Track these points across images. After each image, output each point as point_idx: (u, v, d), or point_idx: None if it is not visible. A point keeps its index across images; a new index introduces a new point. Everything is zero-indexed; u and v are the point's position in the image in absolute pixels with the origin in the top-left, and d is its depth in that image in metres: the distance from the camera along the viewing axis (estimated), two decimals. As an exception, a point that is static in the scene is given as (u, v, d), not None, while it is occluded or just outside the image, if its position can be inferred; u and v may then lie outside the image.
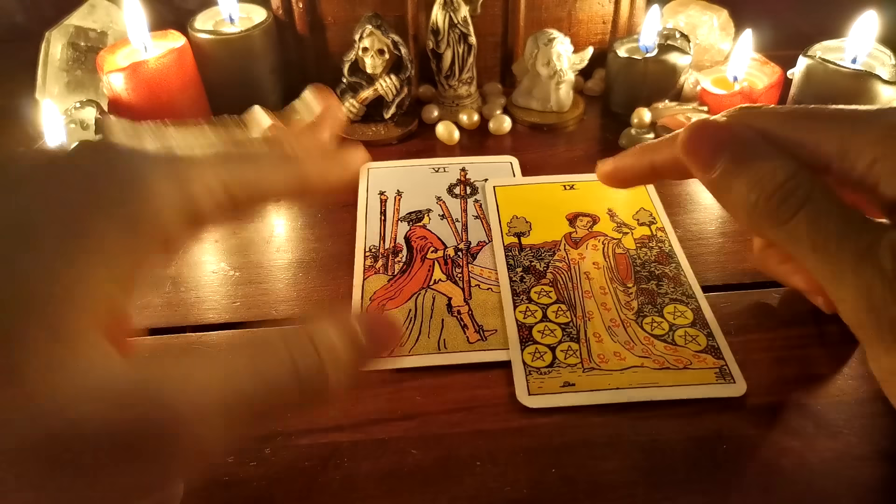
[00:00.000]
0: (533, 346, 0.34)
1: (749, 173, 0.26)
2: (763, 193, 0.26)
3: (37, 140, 0.44)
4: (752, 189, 0.26)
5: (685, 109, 0.50)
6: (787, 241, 0.26)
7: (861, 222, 0.24)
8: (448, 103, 0.52)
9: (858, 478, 0.29)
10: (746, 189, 0.26)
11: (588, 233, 0.41)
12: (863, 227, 0.24)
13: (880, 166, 0.25)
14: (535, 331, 0.35)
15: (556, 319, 0.35)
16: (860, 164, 0.26)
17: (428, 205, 0.44)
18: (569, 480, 0.29)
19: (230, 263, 0.40)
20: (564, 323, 0.35)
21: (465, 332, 0.35)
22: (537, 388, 0.32)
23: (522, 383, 0.32)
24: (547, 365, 0.33)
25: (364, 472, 0.29)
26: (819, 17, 0.57)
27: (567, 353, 0.34)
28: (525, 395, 0.32)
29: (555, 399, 0.32)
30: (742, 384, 0.32)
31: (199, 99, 0.49)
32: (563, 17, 0.54)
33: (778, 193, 0.26)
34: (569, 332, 0.35)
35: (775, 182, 0.26)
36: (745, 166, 0.27)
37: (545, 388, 0.32)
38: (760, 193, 0.26)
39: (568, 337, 0.35)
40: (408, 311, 0.36)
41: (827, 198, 0.25)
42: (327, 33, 0.52)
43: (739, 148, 0.27)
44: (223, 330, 0.36)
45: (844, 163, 0.26)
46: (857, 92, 0.43)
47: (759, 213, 0.26)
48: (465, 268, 0.39)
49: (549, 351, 0.34)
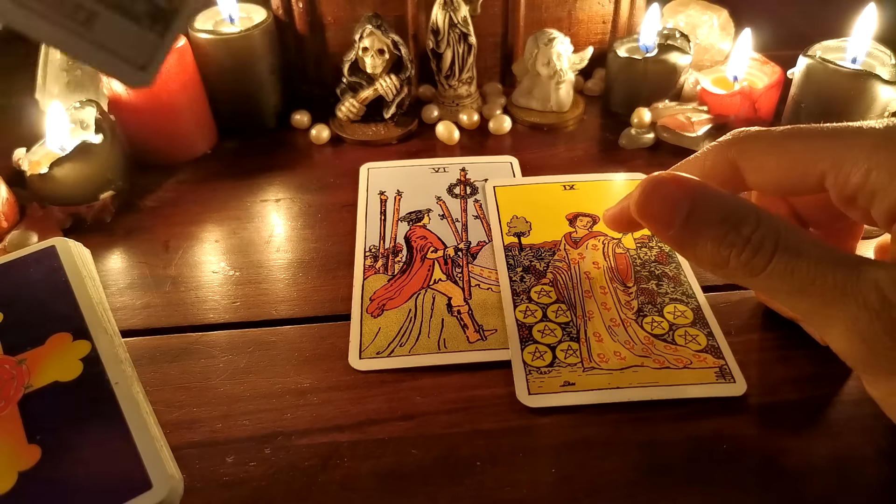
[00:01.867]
0: (533, 345, 0.34)
1: (712, 231, 0.26)
2: (734, 249, 0.26)
3: (36, 140, 0.45)
4: (721, 246, 0.26)
5: (685, 109, 0.50)
6: (766, 290, 0.26)
7: (834, 259, 0.24)
8: (448, 103, 0.52)
9: (858, 478, 0.29)
10: (714, 246, 0.26)
11: (588, 233, 0.41)
12: (838, 264, 0.24)
13: (875, 176, 0.25)
14: (535, 330, 0.35)
15: (556, 319, 0.35)
16: (855, 176, 0.26)
17: (428, 205, 0.44)
18: (569, 480, 0.29)
19: (230, 263, 0.40)
20: (564, 322, 0.35)
21: (465, 331, 0.35)
22: (537, 387, 0.32)
23: (522, 383, 0.32)
24: (547, 364, 0.33)
25: (364, 472, 0.29)
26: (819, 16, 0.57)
27: (567, 352, 0.34)
28: (525, 395, 0.32)
29: (555, 398, 0.32)
30: (742, 384, 0.32)
31: (199, 99, 0.49)
32: (563, 17, 0.54)
33: (748, 248, 0.25)
34: (569, 332, 0.35)
35: (743, 237, 0.25)
36: (705, 223, 0.26)
37: (545, 388, 0.32)
38: (731, 249, 0.26)
39: (568, 336, 0.35)
40: (408, 311, 0.36)
41: (796, 239, 0.25)
42: (327, 33, 0.52)
43: (696, 204, 0.27)
44: (223, 330, 0.36)
45: (839, 177, 0.26)
46: (857, 92, 0.43)
47: (733, 268, 0.26)
48: (465, 267, 0.39)
49: (549, 350, 0.34)
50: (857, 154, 0.26)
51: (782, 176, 0.28)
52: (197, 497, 0.28)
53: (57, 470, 0.27)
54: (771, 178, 0.29)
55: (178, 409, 0.32)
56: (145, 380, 0.33)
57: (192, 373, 0.34)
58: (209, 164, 0.49)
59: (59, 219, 0.42)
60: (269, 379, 0.33)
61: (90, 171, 0.43)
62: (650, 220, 0.28)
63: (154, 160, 0.48)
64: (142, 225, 0.44)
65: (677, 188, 0.27)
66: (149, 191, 0.46)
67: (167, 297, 0.38)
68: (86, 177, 0.43)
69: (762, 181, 0.29)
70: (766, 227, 0.25)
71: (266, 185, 0.47)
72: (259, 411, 0.32)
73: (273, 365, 0.34)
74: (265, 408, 0.32)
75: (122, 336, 0.35)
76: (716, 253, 0.26)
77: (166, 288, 0.39)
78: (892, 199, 0.25)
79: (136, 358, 0.34)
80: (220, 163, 0.50)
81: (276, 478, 0.29)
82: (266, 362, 0.34)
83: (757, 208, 0.26)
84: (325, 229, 0.43)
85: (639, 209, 0.28)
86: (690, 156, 0.32)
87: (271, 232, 0.43)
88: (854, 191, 0.26)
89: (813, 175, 0.27)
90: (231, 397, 0.32)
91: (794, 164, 0.27)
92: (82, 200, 0.43)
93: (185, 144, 0.49)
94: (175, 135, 0.48)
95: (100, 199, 0.43)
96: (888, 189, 0.25)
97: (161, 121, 0.47)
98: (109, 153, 0.44)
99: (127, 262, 0.41)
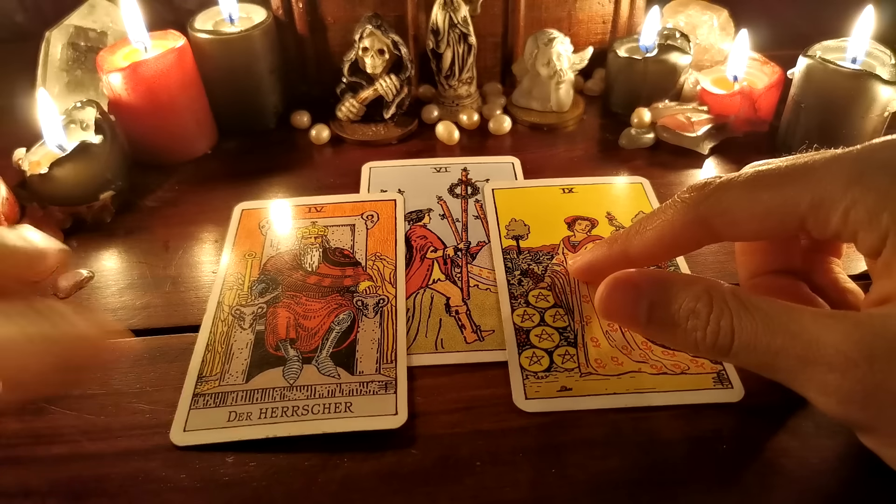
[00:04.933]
0: (530, 349, 0.34)
1: (676, 321, 0.26)
2: (698, 333, 0.26)
3: (36, 140, 0.44)
4: (686, 334, 0.26)
5: (685, 109, 0.50)
6: (742, 366, 0.27)
7: (791, 330, 0.24)
8: (448, 103, 0.52)
9: (858, 478, 0.29)
10: (682, 335, 0.26)
11: (587, 236, 0.41)
12: (795, 335, 0.24)
13: (854, 215, 0.25)
14: (533, 335, 0.35)
15: (553, 323, 0.35)
16: (834, 218, 0.25)
17: (429, 204, 0.44)
18: (569, 480, 0.29)
19: (230, 263, 0.40)
20: (562, 327, 0.35)
21: (463, 332, 0.35)
22: (534, 392, 0.32)
23: (519, 387, 0.32)
24: (544, 369, 0.33)
25: (364, 472, 0.29)
26: (819, 17, 0.57)
27: (564, 357, 0.34)
28: (522, 400, 0.32)
29: (551, 404, 0.31)
30: (740, 389, 0.32)
31: (199, 99, 0.49)
32: (563, 17, 0.54)
33: (709, 332, 0.26)
34: (566, 337, 0.35)
35: (703, 320, 0.26)
36: (667, 317, 0.27)
37: (542, 393, 0.32)
38: (695, 334, 0.26)
39: (565, 341, 0.34)
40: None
41: (750, 317, 0.25)
42: (327, 33, 0.52)
43: (653, 302, 0.27)
44: (223, 330, 0.36)
45: (818, 220, 0.25)
46: (857, 92, 0.43)
47: (707, 353, 0.26)
48: (464, 267, 0.39)
49: (546, 355, 0.34)
50: (833, 193, 0.25)
51: (758, 227, 0.27)
52: (197, 497, 0.28)
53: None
54: (747, 230, 0.28)
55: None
56: (145, 380, 0.33)
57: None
58: (209, 164, 0.49)
59: (59, 219, 0.43)
60: (269, 379, 0.33)
61: (90, 171, 0.43)
62: (615, 321, 0.29)
63: (154, 160, 0.48)
64: (141, 225, 0.44)
65: (633, 288, 0.28)
66: (149, 191, 0.46)
67: (167, 297, 0.38)
68: (86, 177, 0.43)
69: (739, 234, 0.29)
70: (720, 307, 0.25)
71: (266, 185, 0.47)
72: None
73: (273, 365, 0.34)
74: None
75: (122, 336, 0.36)
76: (685, 341, 0.27)
77: (166, 288, 0.39)
78: (874, 237, 0.24)
79: (136, 358, 0.34)
80: (220, 163, 0.50)
81: (276, 478, 0.29)
82: (266, 362, 0.34)
83: (710, 286, 0.26)
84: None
85: (602, 313, 0.29)
86: (656, 214, 0.30)
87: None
88: (835, 232, 0.25)
89: (790, 222, 0.26)
90: (231, 397, 0.32)
91: (768, 214, 0.26)
92: (82, 200, 0.43)
93: (185, 144, 0.49)
94: (175, 135, 0.48)
95: (100, 199, 0.43)
96: (868, 227, 0.24)
97: (161, 121, 0.47)
98: (109, 153, 0.44)
99: (127, 262, 0.41)
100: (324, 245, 0.40)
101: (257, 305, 0.36)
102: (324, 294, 0.37)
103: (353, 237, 0.41)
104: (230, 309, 0.36)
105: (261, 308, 0.36)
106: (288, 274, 0.38)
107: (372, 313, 0.36)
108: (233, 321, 0.36)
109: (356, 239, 0.41)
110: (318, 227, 0.41)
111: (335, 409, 0.31)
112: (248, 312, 0.36)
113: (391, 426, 0.30)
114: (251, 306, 0.36)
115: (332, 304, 0.36)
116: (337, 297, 0.37)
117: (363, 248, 0.40)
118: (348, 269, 0.38)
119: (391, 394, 0.32)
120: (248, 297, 0.37)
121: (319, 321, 0.35)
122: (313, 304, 0.36)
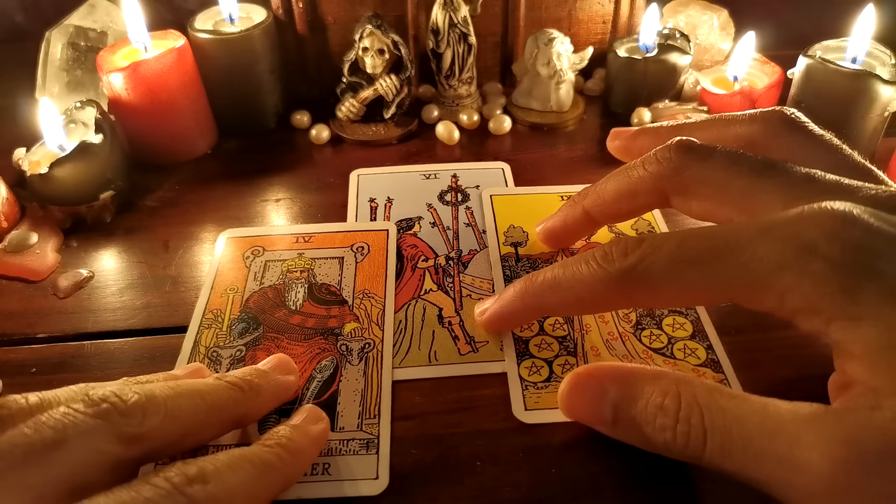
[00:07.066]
0: (530, 360, 0.33)
1: (642, 419, 0.25)
2: (667, 433, 0.24)
3: (36, 140, 0.45)
4: (655, 434, 0.25)
5: (685, 109, 0.50)
6: (718, 472, 0.24)
7: (767, 430, 0.22)
8: (448, 103, 0.52)
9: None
10: (651, 434, 0.25)
11: (586, 244, 0.40)
12: (773, 434, 0.22)
13: (790, 300, 0.23)
14: (532, 344, 0.34)
15: (553, 333, 0.35)
16: (769, 301, 0.23)
17: (419, 212, 0.43)
18: (569, 480, 0.29)
19: (230, 263, 0.40)
20: (561, 336, 0.35)
21: (456, 343, 0.35)
22: (534, 403, 0.31)
23: (519, 398, 0.32)
24: (544, 379, 0.32)
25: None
26: (819, 17, 0.57)
27: (564, 367, 0.33)
28: (522, 411, 0.31)
29: (552, 415, 0.31)
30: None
31: (199, 99, 0.49)
32: (563, 17, 0.54)
33: (679, 435, 0.24)
34: (566, 346, 0.34)
35: (671, 419, 0.24)
36: (631, 419, 0.25)
37: (542, 404, 0.31)
38: (664, 434, 0.24)
39: (565, 351, 0.34)
40: (398, 321, 0.36)
41: (722, 416, 0.23)
42: (327, 33, 0.52)
43: (616, 403, 0.26)
44: (223, 330, 0.36)
45: (751, 300, 0.24)
46: (857, 92, 0.43)
47: (680, 453, 0.24)
48: (455, 277, 0.38)
49: (545, 365, 0.33)
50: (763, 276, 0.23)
51: (686, 302, 0.27)
52: (197, 497, 0.28)
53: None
54: (674, 303, 0.27)
55: (178, 409, 0.32)
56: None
57: (192, 373, 0.34)
58: (209, 164, 0.49)
59: (59, 219, 0.43)
60: (269, 379, 0.33)
61: (90, 171, 0.43)
62: (581, 421, 0.28)
63: (154, 160, 0.48)
64: (141, 225, 0.44)
65: (597, 386, 0.27)
66: (149, 191, 0.46)
67: (167, 297, 0.38)
68: (86, 177, 0.43)
69: (664, 305, 0.29)
70: (687, 405, 0.24)
71: (266, 185, 0.47)
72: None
73: (273, 365, 0.34)
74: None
75: (122, 336, 0.36)
76: (655, 441, 0.25)
77: (166, 288, 0.39)
78: (817, 322, 0.23)
79: (136, 358, 0.34)
80: (220, 163, 0.50)
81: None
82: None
83: (678, 380, 0.25)
84: (325, 229, 0.43)
85: (566, 413, 0.28)
86: (575, 279, 0.28)
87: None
88: (771, 311, 0.24)
89: (720, 299, 0.25)
90: (231, 397, 0.32)
91: (695, 291, 0.26)
92: (82, 200, 0.43)
93: (185, 144, 0.49)
94: (175, 135, 0.48)
95: (100, 198, 0.43)
96: (808, 317, 0.23)
97: (161, 121, 0.47)
98: (109, 153, 0.44)
99: (127, 262, 0.41)
100: (310, 280, 0.38)
101: (236, 348, 0.34)
102: (307, 336, 0.34)
103: (342, 272, 0.38)
104: (206, 350, 0.34)
105: (239, 351, 0.34)
106: (270, 312, 0.36)
107: (356, 360, 0.33)
108: (209, 365, 0.33)
109: (344, 274, 0.38)
110: (305, 259, 0.39)
111: (311, 471, 0.28)
112: (226, 355, 0.33)
113: (371, 493, 0.28)
114: (229, 348, 0.34)
115: (314, 349, 0.34)
116: (320, 341, 0.34)
117: (351, 285, 0.37)
118: (334, 309, 0.36)
119: (372, 454, 0.29)
120: (227, 338, 0.34)
121: (300, 368, 0.33)
122: (295, 347, 0.34)
